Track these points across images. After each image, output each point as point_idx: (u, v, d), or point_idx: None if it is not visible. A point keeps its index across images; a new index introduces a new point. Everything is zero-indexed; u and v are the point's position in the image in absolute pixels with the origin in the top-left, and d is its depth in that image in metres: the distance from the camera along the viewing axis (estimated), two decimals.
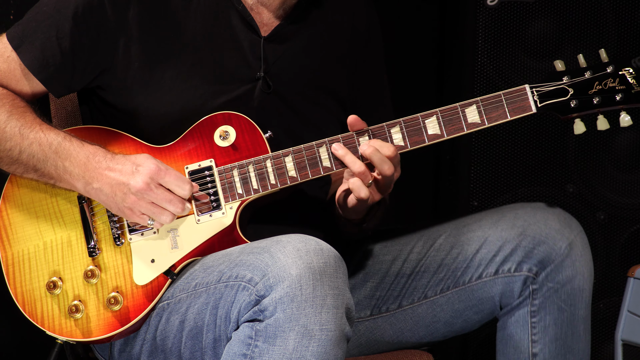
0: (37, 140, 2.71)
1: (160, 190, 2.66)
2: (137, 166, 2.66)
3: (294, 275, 2.48)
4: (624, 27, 3.77)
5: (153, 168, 2.65)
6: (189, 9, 2.83)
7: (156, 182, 2.65)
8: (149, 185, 2.64)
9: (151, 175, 2.65)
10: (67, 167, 2.70)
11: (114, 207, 2.68)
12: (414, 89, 4.07)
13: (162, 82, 2.81)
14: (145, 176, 2.65)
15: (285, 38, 2.90)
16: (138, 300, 2.70)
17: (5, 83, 2.81)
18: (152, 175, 2.65)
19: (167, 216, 2.67)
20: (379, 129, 2.76)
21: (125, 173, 2.66)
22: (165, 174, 2.66)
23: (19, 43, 2.79)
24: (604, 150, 3.84)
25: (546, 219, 2.85)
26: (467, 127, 2.75)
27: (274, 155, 2.76)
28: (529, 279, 2.85)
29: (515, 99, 2.75)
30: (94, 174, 2.68)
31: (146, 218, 2.67)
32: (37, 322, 2.73)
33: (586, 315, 2.86)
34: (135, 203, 2.66)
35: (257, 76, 2.86)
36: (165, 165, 2.68)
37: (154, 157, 2.70)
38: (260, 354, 2.50)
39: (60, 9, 2.78)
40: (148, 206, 2.66)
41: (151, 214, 2.66)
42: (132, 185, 2.65)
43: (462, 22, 3.82)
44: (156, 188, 2.65)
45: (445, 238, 2.94)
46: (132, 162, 2.67)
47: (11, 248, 2.76)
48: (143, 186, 2.64)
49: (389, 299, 2.98)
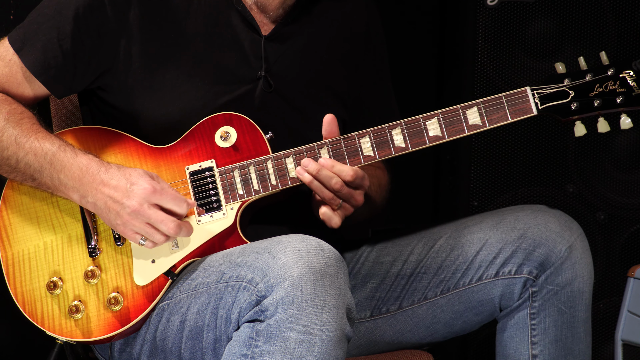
0: (32, 150, 2.70)
1: (153, 210, 2.64)
2: (132, 185, 2.64)
3: (295, 276, 2.48)
4: (624, 27, 3.77)
5: (148, 188, 2.64)
6: (189, 9, 2.84)
7: (150, 203, 2.64)
8: (143, 206, 2.63)
9: (145, 196, 2.63)
10: (61, 179, 2.69)
11: (107, 222, 2.68)
12: (414, 88, 4.07)
13: (163, 82, 2.81)
14: (139, 197, 2.63)
15: (286, 37, 2.90)
16: (138, 300, 2.70)
17: (7, 87, 2.81)
18: (147, 196, 2.64)
19: (160, 236, 2.65)
20: (380, 130, 2.76)
21: (120, 190, 2.64)
22: (160, 195, 2.64)
23: (21, 46, 2.79)
24: (604, 150, 3.84)
25: (547, 221, 2.85)
26: (468, 129, 2.76)
27: (275, 156, 2.76)
28: (529, 281, 2.85)
29: (516, 101, 2.75)
30: (88, 187, 2.67)
31: (139, 237, 2.66)
32: (37, 322, 2.73)
33: (586, 317, 2.86)
34: (128, 222, 2.64)
35: (258, 75, 2.86)
36: (160, 184, 2.66)
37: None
38: (261, 354, 2.50)
39: (61, 11, 2.78)
40: (141, 226, 2.65)
41: (144, 233, 2.65)
42: (127, 205, 2.63)
43: (462, 22, 3.82)
44: (149, 208, 2.64)
45: (446, 239, 2.94)
46: (127, 179, 2.65)
47: (11, 248, 2.75)
48: (137, 207, 2.63)
49: (389, 300, 2.98)
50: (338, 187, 2.71)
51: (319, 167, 2.72)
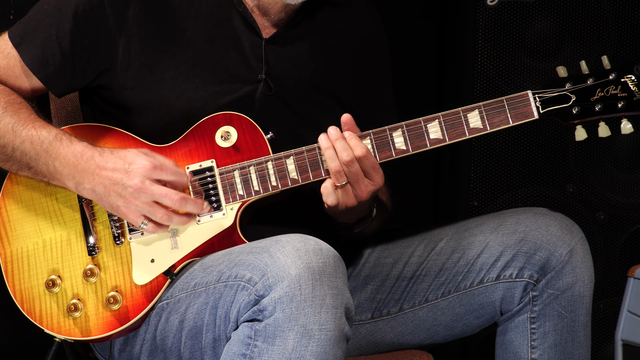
0: (29, 138, 2.70)
1: (155, 186, 2.63)
2: (130, 164, 2.64)
3: (293, 275, 2.48)
4: (624, 27, 3.77)
5: (148, 165, 2.63)
6: (190, 9, 2.83)
7: (152, 179, 2.64)
8: (145, 183, 2.63)
9: (146, 173, 2.63)
10: (57, 167, 2.69)
11: (108, 206, 2.67)
12: (414, 88, 4.07)
13: (163, 82, 2.81)
14: (140, 175, 2.63)
15: (287, 41, 2.89)
16: (137, 299, 2.70)
17: (4, 79, 2.81)
18: (147, 173, 2.63)
19: (163, 213, 2.65)
20: (381, 132, 2.76)
21: (119, 171, 2.64)
22: (160, 170, 2.64)
23: (20, 41, 2.78)
24: (604, 150, 3.85)
25: (548, 224, 2.85)
26: (469, 132, 2.75)
27: (276, 157, 2.76)
28: (529, 285, 2.85)
29: (517, 105, 2.75)
30: (84, 174, 2.67)
31: (140, 219, 2.66)
32: (36, 320, 2.73)
33: (586, 321, 2.86)
34: (131, 202, 2.64)
35: (258, 78, 2.86)
36: (157, 159, 2.66)
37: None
38: (259, 353, 2.50)
39: (60, 8, 2.78)
40: (144, 205, 2.64)
41: (147, 212, 2.65)
42: (128, 185, 2.63)
43: (462, 22, 3.82)
44: (151, 185, 2.63)
45: (447, 242, 2.94)
46: (123, 159, 2.65)
47: (10, 245, 2.75)
48: (139, 185, 2.62)
49: (389, 302, 2.98)
50: (348, 160, 2.71)
51: (339, 136, 2.72)
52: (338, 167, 2.72)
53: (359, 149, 2.71)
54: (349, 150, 2.71)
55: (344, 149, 2.71)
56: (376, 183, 2.75)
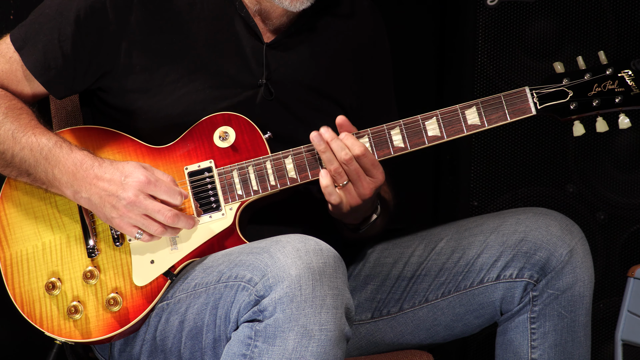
0: (28, 145, 2.70)
1: (149, 201, 2.64)
2: (126, 177, 2.64)
3: (294, 276, 2.48)
4: (624, 27, 3.77)
5: (143, 180, 2.64)
6: (191, 13, 2.83)
7: (146, 193, 2.64)
8: (138, 197, 2.63)
9: (140, 187, 2.63)
10: (56, 175, 2.69)
11: (102, 217, 2.67)
12: (414, 88, 4.07)
13: (163, 85, 2.81)
14: (134, 189, 2.63)
15: (289, 46, 2.89)
16: (137, 301, 2.70)
17: (6, 84, 2.81)
18: (142, 187, 2.63)
19: (157, 227, 2.65)
20: (379, 130, 2.76)
21: (115, 183, 2.64)
22: (155, 186, 2.64)
23: (22, 45, 2.78)
24: (604, 150, 3.85)
25: (548, 224, 2.85)
26: (467, 129, 2.75)
27: (274, 157, 2.76)
28: (530, 285, 2.84)
29: (515, 101, 2.75)
30: (82, 182, 2.67)
31: (135, 230, 2.66)
32: (36, 323, 2.72)
33: (586, 321, 2.86)
34: (124, 215, 2.64)
35: (259, 83, 2.86)
36: (154, 174, 2.66)
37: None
38: (259, 354, 2.49)
39: (62, 12, 2.77)
40: (138, 218, 2.64)
41: (141, 225, 2.65)
42: (122, 197, 2.63)
43: (462, 22, 3.82)
44: (145, 199, 2.63)
45: (447, 242, 2.94)
46: (121, 171, 2.65)
47: (9, 248, 2.75)
48: (133, 198, 2.63)
49: (389, 302, 2.98)
50: (347, 158, 2.70)
51: (334, 137, 2.71)
52: (338, 168, 2.72)
53: (356, 148, 2.71)
54: (346, 149, 2.71)
55: (341, 148, 2.71)
56: (377, 179, 2.75)
